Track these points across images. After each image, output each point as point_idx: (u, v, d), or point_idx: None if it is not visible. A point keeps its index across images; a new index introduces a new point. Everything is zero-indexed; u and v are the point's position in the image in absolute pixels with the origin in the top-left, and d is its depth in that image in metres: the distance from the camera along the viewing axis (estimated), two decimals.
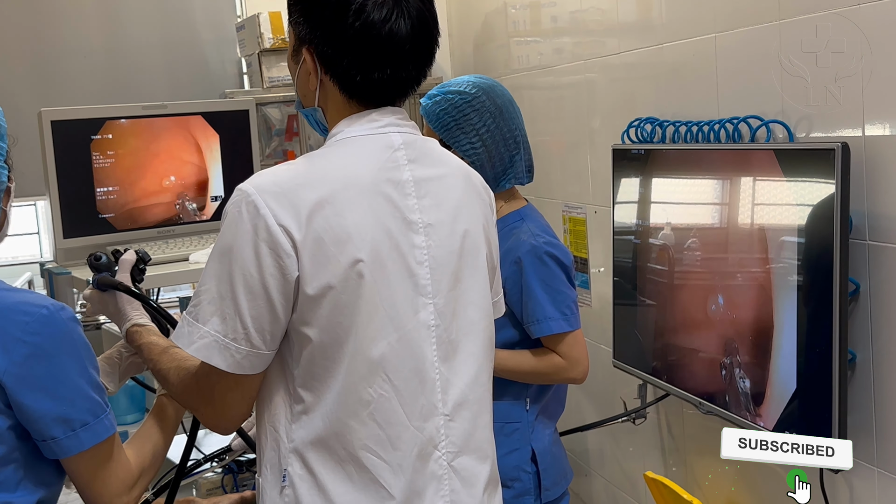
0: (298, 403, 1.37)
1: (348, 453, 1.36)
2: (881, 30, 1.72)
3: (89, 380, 1.38)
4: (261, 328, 1.33)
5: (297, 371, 1.37)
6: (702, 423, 2.40)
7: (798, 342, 1.85)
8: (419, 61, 1.44)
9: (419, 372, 1.40)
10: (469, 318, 1.46)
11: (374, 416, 1.36)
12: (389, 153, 1.41)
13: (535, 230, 2.19)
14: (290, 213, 1.31)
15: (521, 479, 2.21)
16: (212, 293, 1.34)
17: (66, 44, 3.32)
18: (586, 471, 3.07)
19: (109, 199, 2.55)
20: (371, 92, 1.42)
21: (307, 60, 1.42)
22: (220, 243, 1.35)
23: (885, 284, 1.77)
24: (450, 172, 1.49)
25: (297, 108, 1.54)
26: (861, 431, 1.85)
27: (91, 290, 1.73)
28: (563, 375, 2.17)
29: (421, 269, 1.40)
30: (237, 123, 2.76)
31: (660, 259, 2.33)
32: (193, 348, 1.34)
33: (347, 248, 1.33)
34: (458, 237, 1.45)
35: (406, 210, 1.40)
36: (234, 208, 1.34)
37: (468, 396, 1.45)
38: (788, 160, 1.88)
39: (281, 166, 1.39)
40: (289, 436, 1.37)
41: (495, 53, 3.42)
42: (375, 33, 1.37)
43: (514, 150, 2.20)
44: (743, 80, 2.11)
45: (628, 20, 2.58)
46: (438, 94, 2.22)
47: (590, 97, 2.82)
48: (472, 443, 1.46)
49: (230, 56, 3.63)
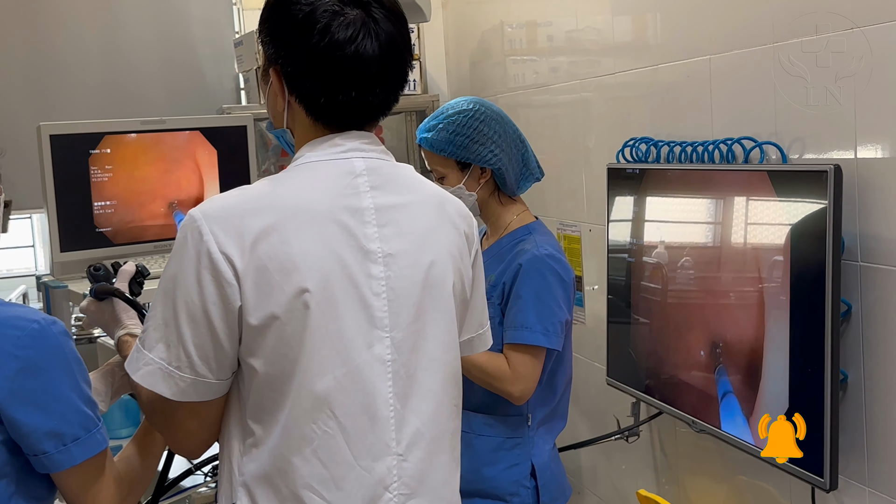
0: (250, 436, 1.33)
1: (291, 492, 1.31)
2: (873, 54, 1.74)
3: (81, 394, 1.37)
4: (205, 356, 1.29)
5: (248, 402, 1.33)
6: (694, 442, 2.41)
7: (790, 362, 1.86)
8: (387, 85, 1.38)
9: (369, 408, 1.33)
10: (430, 352, 1.39)
11: (317, 454, 1.30)
12: (349, 179, 1.36)
13: (540, 242, 2.22)
14: (234, 241, 1.27)
15: (520, 495, 2.22)
16: (157, 320, 1.31)
17: (64, 57, 3.33)
18: (579, 489, 3.07)
19: (107, 213, 2.56)
20: (336, 115, 1.38)
21: (274, 81, 1.39)
22: (167, 269, 1.32)
23: (877, 305, 1.79)
24: (418, 200, 1.42)
25: (268, 128, 1.50)
26: (852, 451, 1.86)
27: (88, 301, 1.71)
28: (502, 386, 2.14)
29: (377, 301, 1.34)
30: (235, 139, 2.78)
31: (653, 277, 2.34)
32: (138, 375, 1.32)
33: (293, 277, 1.28)
34: (423, 268, 1.38)
35: (364, 239, 1.34)
36: (181, 234, 1.31)
37: (425, 435, 1.38)
38: (781, 181, 1.90)
39: (235, 191, 1.35)
40: (240, 469, 1.33)
41: (491, 71, 3.45)
42: (340, 54, 1.32)
43: (523, 148, 2.30)
44: (737, 101, 2.13)
45: (624, 40, 2.60)
46: (439, 123, 2.25)
47: (585, 116, 2.84)
48: (428, 484, 1.38)
49: (228, 72, 3.65)
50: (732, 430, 2.04)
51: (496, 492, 2.23)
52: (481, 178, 2.26)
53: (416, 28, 3.62)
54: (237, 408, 1.36)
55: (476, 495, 2.24)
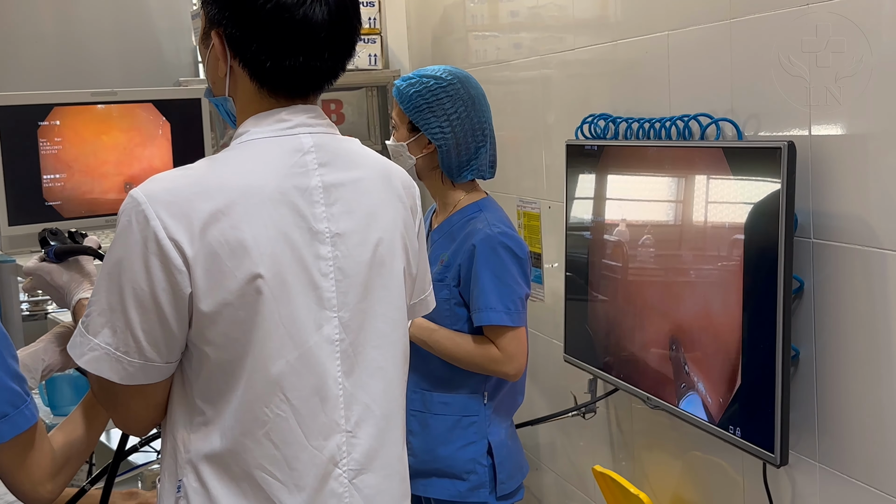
0: (199, 415, 1.31)
1: (242, 471, 1.30)
2: (831, 30, 1.74)
3: (7, 370, 1.33)
4: (154, 341, 1.27)
5: (196, 383, 1.31)
6: (650, 418, 2.42)
7: (743, 338, 1.87)
8: (336, 51, 1.35)
9: (320, 389, 1.33)
10: (379, 330, 1.39)
11: (269, 436, 1.29)
12: (297, 157, 1.33)
13: (491, 220, 2.20)
14: (183, 226, 1.24)
15: (476, 472, 2.22)
16: (101, 304, 1.27)
17: (16, 28, 3.26)
18: (537, 465, 3.08)
19: (56, 186, 2.51)
20: (282, 81, 1.33)
21: (216, 44, 1.34)
22: (111, 253, 1.27)
23: (829, 282, 1.80)
24: (366, 175, 1.40)
25: (207, 95, 1.45)
26: (803, 427, 1.87)
27: (39, 262, 1.61)
28: (496, 368, 2.17)
29: (326, 282, 1.33)
30: (189, 112, 2.73)
31: (613, 255, 2.34)
32: (84, 360, 1.29)
33: (244, 262, 1.25)
34: (370, 246, 1.38)
35: (312, 219, 1.32)
36: (124, 217, 1.26)
37: (375, 412, 1.38)
38: (736, 158, 1.90)
39: (178, 170, 1.31)
40: (185, 446, 1.32)
41: (453, 47, 3.42)
42: (288, 17, 1.28)
43: (481, 142, 2.24)
44: (694, 78, 2.12)
45: (584, 16, 2.59)
46: (414, 77, 2.25)
47: (545, 92, 2.82)
48: (379, 460, 1.39)
49: (185, 44, 3.59)
50: (687, 406, 2.05)
51: (452, 470, 2.23)
52: (425, 148, 2.24)
53: (377, 2, 3.57)
54: (180, 386, 1.34)
55: (433, 474, 2.24)
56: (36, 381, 1.58)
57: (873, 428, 1.74)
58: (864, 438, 1.76)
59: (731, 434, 1.91)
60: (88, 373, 1.37)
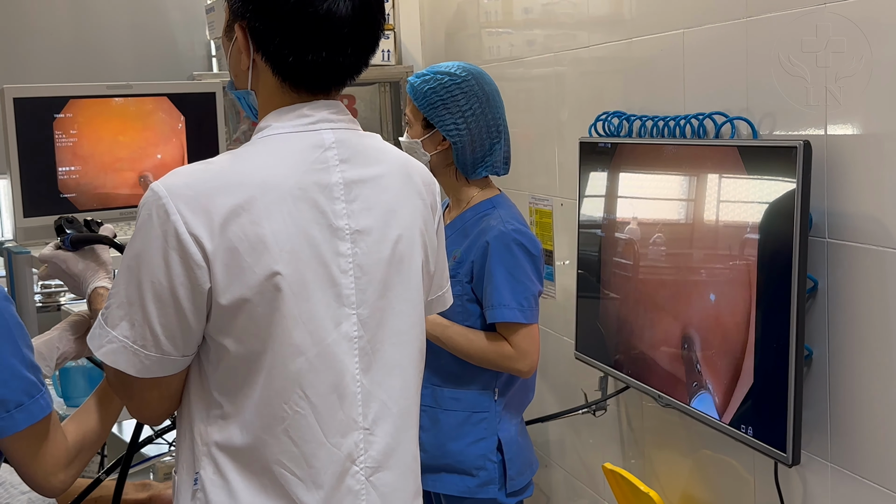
0: (216, 408, 1.32)
1: (261, 466, 1.30)
2: (845, 31, 1.74)
3: (23, 360, 1.34)
4: (171, 335, 1.27)
5: (214, 376, 1.31)
6: (661, 416, 2.42)
7: (756, 337, 1.87)
8: (359, 47, 1.35)
9: (338, 387, 1.33)
10: (397, 328, 1.39)
11: (288, 433, 1.30)
12: (319, 153, 1.33)
13: (505, 217, 2.21)
14: (203, 221, 1.23)
15: (486, 468, 2.23)
16: (120, 297, 1.28)
17: (32, 21, 3.28)
18: (546, 462, 3.08)
19: (71, 178, 2.52)
20: (304, 76, 1.33)
21: (239, 37, 1.34)
22: (131, 246, 1.28)
23: (843, 282, 1.79)
24: (386, 171, 1.40)
25: (229, 89, 1.45)
26: (816, 427, 1.87)
27: (55, 250, 1.62)
28: (510, 365, 2.18)
29: (345, 279, 1.32)
30: (204, 106, 2.73)
31: (625, 253, 2.34)
32: (101, 352, 1.29)
33: (264, 258, 1.25)
34: (390, 244, 1.37)
35: (332, 216, 1.32)
36: (144, 211, 1.26)
37: (392, 409, 1.38)
38: (751, 157, 1.89)
39: (199, 164, 1.31)
40: (202, 438, 1.32)
41: (466, 43, 3.42)
42: (311, 11, 1.28)
43: (496, 138, 2.24)
44: (710, 76, 2.12)
45: (599, 14, 2.58)
46: (428, 74, 2.25)
47: (559, 90, 2.82)
48: (395, 457, 1.39)
49: (199, 38, 3.60)
50: (698, 405, 2.05)
51: (462, 466, 2.23)
52: (440, 145, 2.25)
53: None
54: (198, 378, 1.34)
55: (442, 470, 2.25)
56: (50, 370, 1.59)
57: (886, 428, 1.73)
58: (876, 439, 1.76)
59: (742, 433, 1.91)
60: (104, 364, 1.39)
